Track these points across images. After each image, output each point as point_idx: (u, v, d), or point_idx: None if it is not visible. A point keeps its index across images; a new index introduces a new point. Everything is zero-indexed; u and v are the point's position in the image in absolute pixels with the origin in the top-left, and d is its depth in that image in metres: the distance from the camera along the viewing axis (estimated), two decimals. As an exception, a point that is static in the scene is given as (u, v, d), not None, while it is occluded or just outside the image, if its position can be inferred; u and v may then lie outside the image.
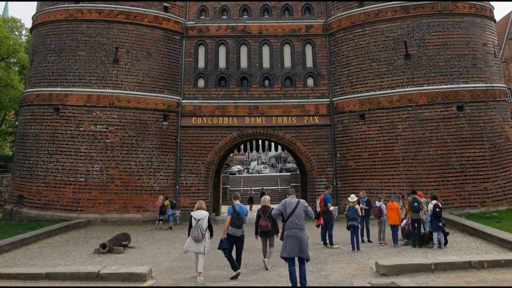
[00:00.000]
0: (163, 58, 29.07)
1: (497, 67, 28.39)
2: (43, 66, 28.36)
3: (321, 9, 30.99)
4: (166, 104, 28.72)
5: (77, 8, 28.40)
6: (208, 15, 31.20)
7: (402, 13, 27.46)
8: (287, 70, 30.11)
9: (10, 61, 41.59)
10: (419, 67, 26.66)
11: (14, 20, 45.83)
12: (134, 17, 28.46)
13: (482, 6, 28.34)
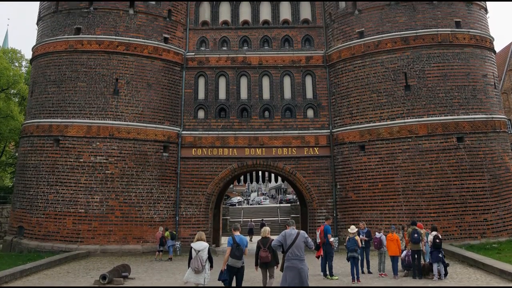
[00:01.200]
0: (163, 89, 29.82)
1: (497, 98, 29.06)
2: (43, 97, 29.07)
3: (321, 40, 31.91)
4: (166, 135, 29.38)
5: (77, 39, 29.23)
6: (208, 46, 32.08)
7: (402, 44, 28.21)
8: (287, 101, 30.85)
9: (10, 92, 42.52)
10: (419, 98, 27.30)
11: (14, 51, 46.90)
12: (134, 48, 29.28)
13: (482, 37, 29.08)
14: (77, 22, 29.66)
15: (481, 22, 29.97)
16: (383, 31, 28.91)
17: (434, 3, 28.75)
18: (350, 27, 30.27)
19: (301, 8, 32.86)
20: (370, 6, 29.61)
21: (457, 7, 29.07)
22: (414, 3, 28.73)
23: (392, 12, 29.00)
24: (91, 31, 29.35)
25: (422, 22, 28.48)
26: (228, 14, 32.84)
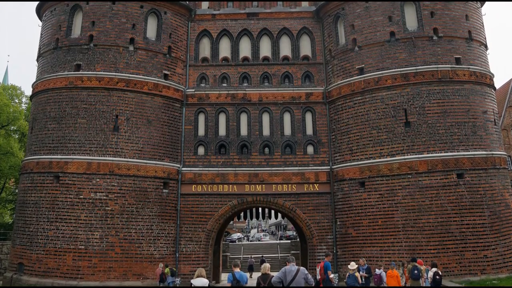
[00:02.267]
0: (163, 125, 31.25)
1: (497, 134, 30.36)
2: (43, 134, 30.41)
3: (321, 76, 33.49)
4: (166, 172, 30.75)
5: (77, 75, 30.66)
6: (208, 82, 33.63)
7: (402, 81, 29.61)
8: (287, 137, 32.27)
9: (10, 129, 44.10)
10: (419, 135, 28.60)
11: (14, 87, 48.67)
12: (134, 84, 30.78)
13: (482, 74, 30.51)
14: (77, 58, 31.14)
15: (481, 59, 31.38)
16: (383, 67, 30.30)
17: (434, 40, 30.16)
18: (350, 63, 31.72)
19: (301, 44, 34.45)
20: (370, 43, 31.08)
21: (457, 43, 30.46)
22: (414, 40, 30.09)
23: (392, 48, 30.47)
24: (91, 68, 30.79)
25: (422, 59, 29.85)
26: (228, 51, 34.45)
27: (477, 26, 32.06)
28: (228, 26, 34.80)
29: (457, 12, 31.23)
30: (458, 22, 31.04)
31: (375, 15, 31.49)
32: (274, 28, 34.51)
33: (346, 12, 32.68)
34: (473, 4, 32.49)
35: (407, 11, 31.22)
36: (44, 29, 33.98)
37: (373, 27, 31.32)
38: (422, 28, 30.59)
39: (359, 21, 31.87)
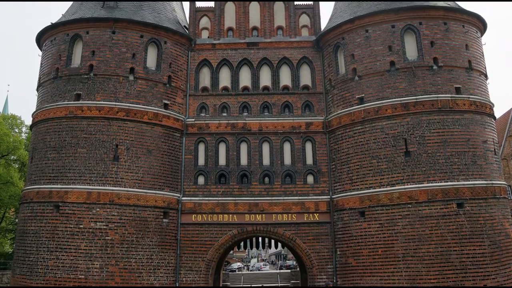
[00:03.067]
0: (163, 155, 32.55)
1: (497, 164, 31.61)
2: (43, 163, 31.61)
3: (321, 106, 34.87)
4: (166, 201, 32.00)
5: (77, 105, 31.95)
6: (208, 112, 35.03)
7: (402, 110, 30.85)
8: (287, 167, 33.62)
9: (10, 158, 45.67)
10: (419, 164, 29.80)
11: (14, 117, 50.41)
12: (134, 114, 32.09)
13: (482, 103, 31.79)
14: (77, 88, 32.43)
15: (481, 88, 32.68)
16: (383, 97, 31.56)
17: (434, 69, 31.47)
18: (350, 93, 33.03)
19: (301, 74, 35.89)
20: (370, 72, 32.37)
21: (457, 73, 31.77)
22: (414, 69, 31.43)
23: (392, 78, 31.77)
24: (91, 97, 32.08)
25: (422, 88, 31.15)
26: (228, 80, 35.88)
27: (477, 56, 33.36)
28: (228, 56, 36.29)
29: (457, 42, 32.58)
30: (458, 51, 32.36)
31: (375, 44, 32.81)
32: (274, 57, 36.00)
33: (346, 42, 34.05)
34: (473, 34, 33.82)
35: (407, 40, 32.52)
36: (44, 59, 35.33)
37: (373, 57, 32.63)
38: (422, 57, 31.87)
39: (359, 51, 33.21)
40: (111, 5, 35.20)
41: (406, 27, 32.69)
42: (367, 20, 33.41)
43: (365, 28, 33.44)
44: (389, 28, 32.87)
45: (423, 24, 32.67)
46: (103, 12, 34.66)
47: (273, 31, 37.19)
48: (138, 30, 34.01)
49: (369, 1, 34.65)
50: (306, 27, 37.35)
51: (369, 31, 33.29)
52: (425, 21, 32.76)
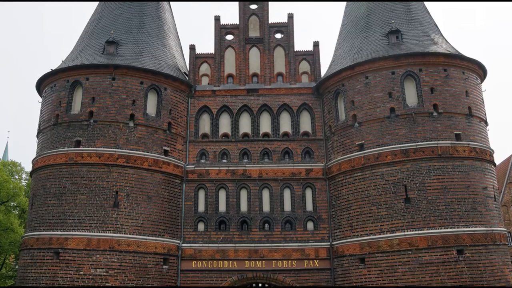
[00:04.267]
0: (163, 201, 34.66)
1: (497, 210, 33.55)
2: (43, 210, 33.58)
3: (321, 152, 37.16)
4: (166, 248, 33.96)
5: (77, 152, 34.02)
6: (208, 158, 37.34)
7: (402, 157, 32.81)
8: (287, 213, 35.75)
9: (10, 205, 47.76)
10: (419, 211, 31.66)
11: (14, 163, 52.85)
12: (134, 160, 34.23)
13: (482, 150, 33.84)
14: (77, 134, 34.54)
15: (481, 135, 34.74)
16: (383, 143, 33.57)
17: (434, 116, 33.51)
18: (350, 139, 35.15)
19: (301, 120, 38.29)
20: (370, 119, 34.45)
21: (457, 119, 33.81)
22: (414, 116, 33.46)
23: (392, 124, 33.82)
24: (91, 144, 34.16)
25: (422, 135, 33.13)
26: (228, 127, 38.27)
27: (477, 102, 35.54)
28: (228, 102, 38.77)
29: (457, 88, 34.74)
30: (458, 98, 34.47)
31: (375, 91, 34.96)
32: (274, 104, 38.46)
33: (346, 88, 36.31)
34: (473, 80, 36.01)
35: (407, 87, 34.67)
36: (44, 105, 37.60)
37: (373, 103, 34.75)
38: (422, 104, 33.97)
39: (359, 97, 35.39)
40: (111, 51, 37.56)
41: (406, 73, 34.86)
42: (367, 67, 35.65)
43: (365, 74, 35.66)
44: (389, 74, 35.06)
45: (423, 70, 34.84)
46: (103, 59, 36.98)
47: (273, 78, 39.76)
48: (138, 77, 36.37)
49: (369, 47, 37.06)
50: (306, 74, 39.93)
51: (369, 78, 35.48)
52: (425, 67, 34.95)
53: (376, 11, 39.46)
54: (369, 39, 37.96)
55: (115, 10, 41.13)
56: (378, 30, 38.10)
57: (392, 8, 39.20)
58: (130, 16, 40.60)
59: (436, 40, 37.15)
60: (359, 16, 40.25)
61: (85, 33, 40.90)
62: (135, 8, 41.16)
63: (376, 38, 37.63)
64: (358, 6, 40.94)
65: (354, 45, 38.70)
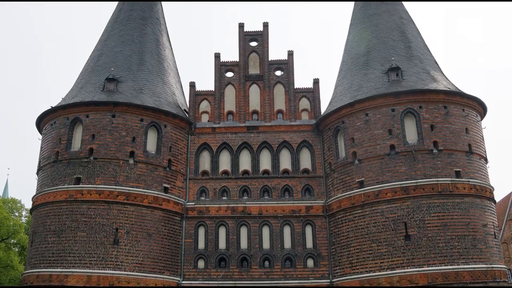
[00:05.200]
0: (163, 239, 36.23)
1: (497, 248, 34.97)
2: (43, 247, 35.09)
3: (321, 189, 38.94)
4: (166, 285, 35.36)
5: (77, 189, 35.69)
6: (208, 196, 39.10)
7: (402, 194, 34.36)
8: (287, 251, 37.35)
9: (10, 242, 49.34)
10: (419, 248, 33.09)
11: (14, 201, 54.63)
12: (134, 198, 35.88)
13: (482, 187, 35.39)
14: (77, 171, 36.24)
15: (481, 172, 36.35)
16: (383, 180, 35.16)
17: (434, 153, 35.14)
18: (350, 176, 36.81)
19: (301, 157, 40.20)
20: (370, 156, 36.13)
21: (457, 157, 35.44)
22: (414, 153, 35.05)
23: (392, 162, 35.44)
24: (91, 181, 35.85)
25: (422, 172, 34.73)
26: (228, 164, 40.13)
27: (477, 139, 37.21)
28: (228, 139, 40.69)
29: (457, 126, 36.41)
30: (458, 135, 36.14)
31: (375, 128, 36.66)
32: (274, 141, 40.35)
33: (346, 125, 38.08)
34: (474, 117, 37.72)
35: (407, 124, 36.34)
36: (44, 142, 39.32)
37: (373, 140, 36.42)
38: (422, 141, 35.62)
39: (359, 134, 37.10)
40: (111, 88, 39.42)
41: (406, 110, 36.57)
42: (367, 104, 37.43)
43: (365, 111, 37.42)
44: (389, 111, 36.77)
45: (423, 107, 36.55)
46: (103, 96, 38.85)
47: (273, 115, 41.72)
48: (138, 114, 38.20)
49: (369, 85, 38.88)
50: (306, 111, 41.94)
51: (369, 115, 37.23)
52: (425, 104, 36.65)
53: (376, 48, 41.37)
54: (369, 76, 39.74)
55: (115, 47, 43.18)
56: (378, 67, 39.92)
57: (392, 46, 41.11)
58: (130, 53, 42.60)
59: (436, 77, 38.88)
60: (359, 53, 42.22)
61: (85, 70, 42.84)
62: (135, 46, 43.22)
63: (376, 75, 39.38)
64: (358, 44, 42.95)
65: (354, 82, 40.54)
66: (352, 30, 45.30)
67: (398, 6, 44.79)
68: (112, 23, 45.92)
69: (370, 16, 44.15)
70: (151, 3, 47.15)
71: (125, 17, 45.58)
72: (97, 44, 45.03)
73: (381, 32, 42.46)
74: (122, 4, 47.09)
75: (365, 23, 44.03)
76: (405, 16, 44.39)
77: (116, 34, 44.49)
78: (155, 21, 46.28)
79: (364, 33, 43.17)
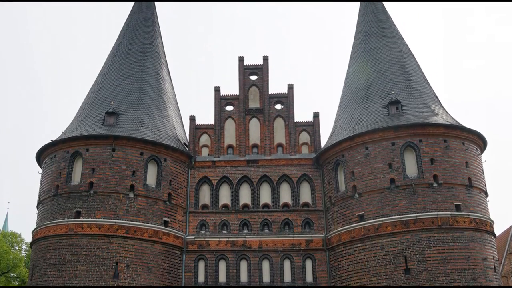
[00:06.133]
0: (163, 272, 37.48)
1: (497, 281, 36.04)
2: (43, 281, 36.19)
3: (321, 223, 40.31)
4: (166, 319, 36.43)
5: (77, 222, 36.92)
6: (208, 229, 40.44)
7: (402, 228, 35.52)
8: (287, 284, 38.62)
9: (10, 276, 50.33)
10: (419, 282, 34.15)
11: (14, 234, 55.88)
12: (134, 231, 37.14)
13: (482, 221, 36.59)
14: (77, 205, 37.50)
15: (481, 205, 37.55)
16: (383, 214, 36.37)
17: (434, 187, 36.33)
18: (350, 210, 38.09)
19: (301, 191, 41.61)
20: (370, 190, 37.38)
21: (457, 190, 36.61)
22: (414, 187, 36.24)
23: (392, 195, 36.68)
24: (91, 215, 37.10)
25: (422, 206, 35.92)
26: (228, 198, 41.51)
27: (477, 173, 38.47)
28: (228, 173, 42.12)
29: (457, 159, 37.66)
30: (458, 169, 37.38)
31: (375, 162, 37.96)
32: (274, 175, 41.79)
33: (346, 159, 39.44)
34: (474, 151, 39.06)
35: (407, 158, 37.61)
36: (44, 176, 40.67)
37: (373, 174, 37.70)
38: (422, 175, 36.84)
39: (359, 168, 38.41)
40: (111, 122, 40.87)
41: (406, 144, 37.87)
42: (367, 138, 38.78)
43: (365, 145, 38.78)
44: (389, 145, 38.11)
45: (423, 141, 37.87)
46: (103, 130, 40.26)
47: (273, 149, 43.21)
48: (138, 148, 39.58)
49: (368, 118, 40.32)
50: (306, 144, 43.47)
51: (369, 149, 38.56)
52: (425, 138, 37.97)
53: (377, 82, 42.99)
54: (369, 110, 41.24)
55: (115, 81, 44.84)
56: (378, 100, 41.43)
57: (392, 79, 42.72)
58: (130, 87, 44.25)
59: (436, 111, 40.33)
60: (359, 87, 43.85)
61: (85, 104, 44.44)
62: (135, 79, 44.89)
63: (376, 109, 40.87)
64: (359, 77, 44.66)
65: (354, 115, 42.07)
66: (352, 64, 47.01)
67: (398, 40, 46.60)
68: (112, 57, 47.61)
69: (370, 50, 45.86)
70: (151, 37, 49.10)
71: (125, 51, 47.29)
72: (97, 78, 46.66)
73: (381, 66, 44.06)
74: (122, 38, 48.90)
75: (365, 57, 45.67)
76: (405, 49, 46.07)
77: (116, 67, 46.12)
78: (155, 55, 48.04)
79: (364, 67, 44.75)
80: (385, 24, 47.88)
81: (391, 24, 48.34)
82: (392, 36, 46.72)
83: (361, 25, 49.09)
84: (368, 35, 47.29)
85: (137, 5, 51.69)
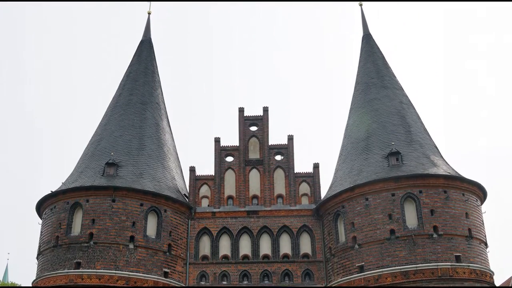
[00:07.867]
0: None
1: None
2: None
3: (321, 274, 42.20)
4: None
5: (77, 273, 38.54)
6: (208, 280, 42.24)
7: (402, 279, 37.12)
8: (288, 336, 40.06)
9: None
10: None
11: (15, 285, 57.95)
12: (134, 282, 38.82)
13: (482, 272, 38.31)
14: (77, 256, 39.18)
15: (481, 256, 39.26)
16: (383, 265, 37.93)
17: (434, 238, 38.00)
18: (350, 261, 39.80)
19: (301, 242, 43.52)
20: (370, 241, 39.08)
21: (457, 241, 38.25)
22: (414, 238, 37.94)
23: (392, 246, 38.35)
24: (91, 265, 38.76)
25: (422, 256, 37.50)
26: (228, 249, 43.40)
27: (477, 224, 40.34)
28: (228, 224, 44.13)
29: (457, 210, 39.44)
30: (458, 220, 39.12)
31: (375, 212, 39.74)
32: (274, 225, 43.76)
33: (346, 210, 41.35)
34: (473, 202, 40.95)
35: (407, 209, 39.38)
36: (44, 227, 42.53)
37: (373, 225, 39.42)
38: (422, 226, 38.53)
39: (359, 219, 40.22)
40: (111, 173, 42.88)
41: (406, 195, 39.72)
42: (367, 189, 40.71)
43: (365, 196, 40.70)
44: (389, 196, 39.96)
45: (423, 192, 39.72)
46: (103, 181, 42.30)
47: (273, 199, 45.26)
48: (138, 199, 41.55)
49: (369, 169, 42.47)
50: (306, 195, 45.58)
51: (369, 199, 40.43)
52: (425, 189, 39.83)
53: (376, 133, 45.20)
54: (369, 160, 43.33)
55: (115, 132, 47.09)
56: (378, 151, 43.55)
57: (392, 130, 44.91)
58: (130, 138, 46.49)
59: (436, 162, 42.40)
60: (359, 138, 46.07)
61: (85, 155, 46.64)
62: (135, 130, 47.18)
63: (376, 160, 42.93)
64: (359, 128, 46.90)
65: (354, 166, 44.19)
66: (352, 115, 49.32)
67: (398, 91, 48.99)
68: (112, 108, 49.89)
69: (370, 101, 48.18)
70: (151, 88, 51.63)
71: (125, 102, 49.61)
72: (97, 129, 48.84)
73: (381, 117, 46.21)
74: (122, 89, 51.31)
75: (365, 108, 47.94)
76: (405, 100, 48.42)
77: (116, 118, 48.30)
78: (155, 106, 50.40)
79: (364, 118, 46.92)
80: (385, 75, 50.26)
81: (391, 75, 50.71)
82: (392, 87, 49.05)
83: (361, 75, 51.51)
84: (368, 86, 49.65)
85: (137, 56, 54.36)
